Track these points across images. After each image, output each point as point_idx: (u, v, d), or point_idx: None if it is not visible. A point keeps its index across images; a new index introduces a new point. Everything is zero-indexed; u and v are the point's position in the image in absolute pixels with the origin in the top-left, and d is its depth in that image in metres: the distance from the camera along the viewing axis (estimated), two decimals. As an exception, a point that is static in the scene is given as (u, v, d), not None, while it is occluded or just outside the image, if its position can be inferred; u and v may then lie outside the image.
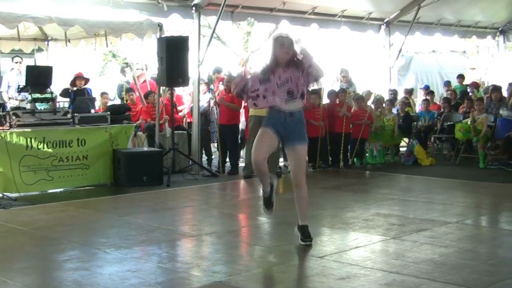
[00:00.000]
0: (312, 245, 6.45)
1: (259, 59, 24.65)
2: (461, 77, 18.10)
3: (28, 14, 10.41)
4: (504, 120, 12.71)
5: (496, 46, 19.62)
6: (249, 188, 10.81)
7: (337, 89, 14.23)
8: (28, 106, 10.30)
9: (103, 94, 13.41)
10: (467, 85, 17.31)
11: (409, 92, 16.74)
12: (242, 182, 11.18)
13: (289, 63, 6.30)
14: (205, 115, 12.73)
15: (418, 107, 16.48)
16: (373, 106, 13.85)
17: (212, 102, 12.68)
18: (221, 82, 13.13)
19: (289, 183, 11.04)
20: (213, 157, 12.84)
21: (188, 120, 13.25)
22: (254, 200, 9.60)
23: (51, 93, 10.55)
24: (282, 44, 6.29)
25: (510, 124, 12.49)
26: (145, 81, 13.82)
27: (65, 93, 12.34)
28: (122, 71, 14.82)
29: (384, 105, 13.80)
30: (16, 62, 12.96)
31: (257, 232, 7.44)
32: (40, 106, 10.48)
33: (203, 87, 12.79)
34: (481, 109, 12.87)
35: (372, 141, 13.50)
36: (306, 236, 6.51)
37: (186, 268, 5.75)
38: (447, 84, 17.89)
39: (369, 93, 14.73)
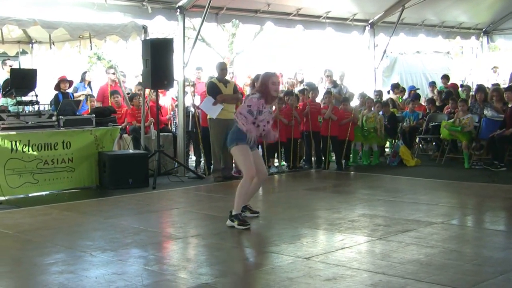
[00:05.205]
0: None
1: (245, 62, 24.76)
2: (445, 77, 18.18)
3: (12, 17, 10.37)
4: (488, 120, 12.79)
5: (480, 47, 19.74)
6: (234, 190, 10.77)
7: (321, 89, 14.31)
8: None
9: (90, 96, 13.38)
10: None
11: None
12: (227, 184, 11.17)
13: (272, 99, 7.69)
14: (194, 117, 12.64)
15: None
16: (357, 106, 13.95)
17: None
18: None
19: (271, 186, 11.17)
20: (201, 159, 12.79)
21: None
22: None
23: (36, 95, 10.50)
24: (274, 82, 7.51)
25: (494, 124, 12.56)
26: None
27: (56, 99, 12.23)
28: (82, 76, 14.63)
29: (372, 108, 13.80)
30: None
31: (242, 234, 7.43)
32: (14, 109, 10.36)
33: (191, 90, 12.73)
34: (464, 109, 12.94)
35: (361, 141, 13.50)
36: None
37: (172, 270, 5.74)
38: (432, 84, 18.00)
39: (351, 95, 14.81)
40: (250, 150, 7.52)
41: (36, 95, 10.48)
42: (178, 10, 12.18)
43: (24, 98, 10.37)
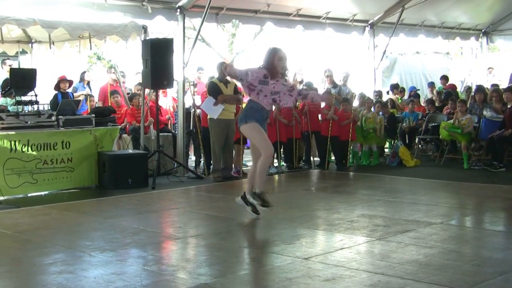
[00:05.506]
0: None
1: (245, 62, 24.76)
2: (444, 78, 18.18)
3: (12, 17, 10.37)
4: (487, 121, 12.79)
5: (480, 48, 19.74)
6: (234, 190, 10.80)
7: (322, 89, 14.27)
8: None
9: (89, 96, 13.37)
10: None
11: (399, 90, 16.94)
12: (227, 184, 11.17)
13: (280, 75, 7.63)
14: (194, 117, 12.62)
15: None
16: (357, 107, 13.95)
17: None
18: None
19: (270, 186, 11.17)
20: (201, 159, 12.76)
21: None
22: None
23: (35, 95, 10.50)
24: (281, 57, 7.55)
25: (493, 125, 12.56)
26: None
27: (54, 100, 12.20)
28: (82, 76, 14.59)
29: (372, 109, 13.82)
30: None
31: (241, 234, 7.44)
32: (13, 109, 10.34)
33: (192, 90, 12.73)
34: (463, 110, 12.93)
35: (360, 141, 13.49)
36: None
37: (171, 270, 5.74)
38: (431, 85, 18.01)
39: (352, 95, 14.81)
40: (261, 128, 7.60)
41: (36, 95, 10.48)
42: (178, 10, 12.18)
43: (24, 98, 10.37)
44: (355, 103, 14.64)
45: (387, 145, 15.11)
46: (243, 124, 7.66)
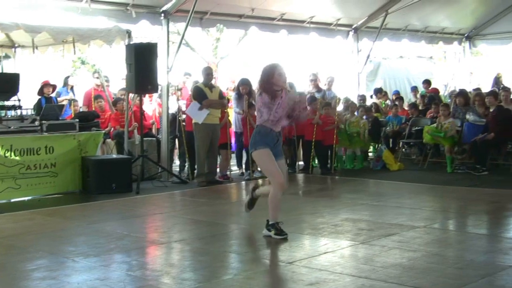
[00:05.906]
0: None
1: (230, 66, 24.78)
2: (427, 82, 18.27)
3: (-5, 21, 10.32)
4: (470, 124, 12.84)
5: (463, 52, 19.87)
6: (218, 195, 10.80)
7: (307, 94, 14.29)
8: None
9: (73, 101, 13.33)
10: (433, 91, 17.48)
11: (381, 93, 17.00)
12: (211, 189, 11.16)
13: (281, 90, 7.04)
14: (179, 122, 12.60)
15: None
16: (341, 111, 13.98)
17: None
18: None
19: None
20: (185, 164, 12.72)
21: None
22: (223, 207, 9.61)
23: (19, 100, 10.45)
24: (280, 73, 7.06)
25: (476, 129, 12.63)
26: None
27: (38, 104, 12.15)
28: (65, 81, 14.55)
29: (356, 113, 13.86)
30: None
31: (226, 238, 7.43)
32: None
33: (178, 94, 12.72)
34: (446, 114, 12.98)
35: (345, 145, 13.52)
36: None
37: (155, 275, 5.73)
38: (414, 89, 18.09)
39: (336, 99, 14.83)
40: (272, 155, 7.04)
41: (19, 100, 10.43)
42: (163, 14, 12.18)
43: (7, 103, 10.32)
44: (340, 107, 14.65)
45: (371, 149, 15.15)
46: (253, 151, 7.20)
